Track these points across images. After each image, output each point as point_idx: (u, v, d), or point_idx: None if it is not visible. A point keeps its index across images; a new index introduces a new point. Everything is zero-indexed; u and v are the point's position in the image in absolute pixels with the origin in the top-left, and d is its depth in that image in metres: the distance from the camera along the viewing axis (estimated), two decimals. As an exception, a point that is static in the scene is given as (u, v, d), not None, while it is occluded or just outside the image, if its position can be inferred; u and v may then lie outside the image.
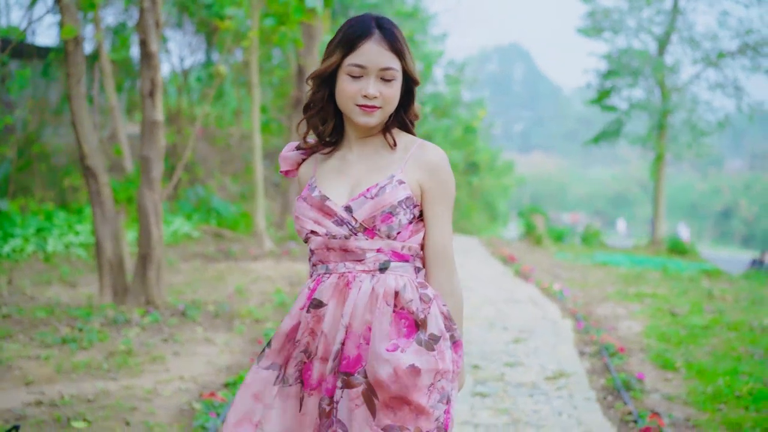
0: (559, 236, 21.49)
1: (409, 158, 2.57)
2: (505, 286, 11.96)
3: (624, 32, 22.63)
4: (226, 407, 5.38)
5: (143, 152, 8.05)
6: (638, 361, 7.16)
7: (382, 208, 2.48)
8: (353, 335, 2.49)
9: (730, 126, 22.70)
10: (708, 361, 7.11)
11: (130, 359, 6.47)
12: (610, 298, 10.75)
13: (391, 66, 2.49)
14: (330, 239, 2.53)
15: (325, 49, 2.59)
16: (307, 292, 2.58)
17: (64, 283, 10.10)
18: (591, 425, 5.36)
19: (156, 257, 8.09)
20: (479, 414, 5.56)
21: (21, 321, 7.55)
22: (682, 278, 13.41)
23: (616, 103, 23.13)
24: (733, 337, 8.17)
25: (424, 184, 2.56)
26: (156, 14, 7.79)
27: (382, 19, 2.54)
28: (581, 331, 8.39)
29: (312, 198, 2.57)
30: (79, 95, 7.80)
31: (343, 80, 2.51)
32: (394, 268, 2.52)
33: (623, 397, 5.93)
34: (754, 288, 12.17)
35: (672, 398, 6.04)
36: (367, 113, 2.51)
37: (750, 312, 9.64)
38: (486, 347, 7.63)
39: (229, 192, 20.64)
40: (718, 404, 5.86)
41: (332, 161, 2.65)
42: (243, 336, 7.51)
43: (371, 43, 2.48)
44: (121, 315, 7.74)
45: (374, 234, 2.51)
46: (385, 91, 2.50)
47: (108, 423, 5.11)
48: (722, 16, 21.84)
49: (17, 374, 5.99)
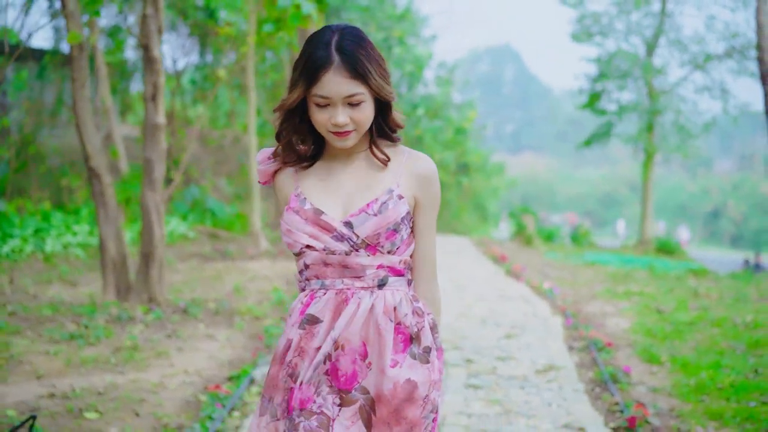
0: (549, 236, 21.80)
1: (402, 171, 2.54)
2: (496, 284, 12.23)
3: (613, 35, 22.97)
4: (231, 399, 5.64)
5: (145, 154, 8.29)
6: (625, 356, 7.42)
7: (386, 225, 2.46)
8: (349, 351, 2.46)
9: (718, 127, 23.08)
10: (692, 356, 7.38)
11: (136, 354, 6.71)
12: (599, 297, 11.02)
13: (356, 92, 2.39)
14: (328, 255, 2.48)
15: (291, 75, 2.50)
16: (300, 307, 2.54)
17: (64, 282, 10.31)
18: (579, 415, 5.62)
19: (158, 256, 8.34)
20: (472, 405, 5.82)
21: (27, 318, 7.79)
22: (669, 277, 13.70)
23: (605, 105, 23.46)
24: (717, 333, 8.44)
25: (418, 196, 2.55)
26: (158, 20, 8.04)
27: (344, 36, 2.42)
28: (570, 327, 8.67)
29: (305, 211, 2.50)
30: (84, 98, 8.05)
31: (312, 109, 2.44)
32: (391, 284, 2.51)
33: (610, 389, 6.20)
34: (738, 286, 12.45)
35: (657, 390, 6.30)
36: (341, 138, 2.45)
37: (733, 309, 9.92)
38: (479, 342, 7.89)
39: (223, 193, 20.86)
40: (701, 395, 6.13)
41: (316, 171, 2.59)
42: (243, 332, 7.76)
43: (331, 73, 2.38)
44: (125, 312, 7.98)
45: (376, 250, 2.48)
46: (355, 116, 2.42)
47: (119, 414, 5.36)
48: (709, 19, 22.19)
49: (28, 368, 6.22)
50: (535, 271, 13.84)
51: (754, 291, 11.65)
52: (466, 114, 29.75)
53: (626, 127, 24.12)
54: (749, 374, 6.70)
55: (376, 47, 2.47)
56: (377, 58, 2.45)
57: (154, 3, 8.01)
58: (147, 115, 8.22)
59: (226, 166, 22.37)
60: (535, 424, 5.44)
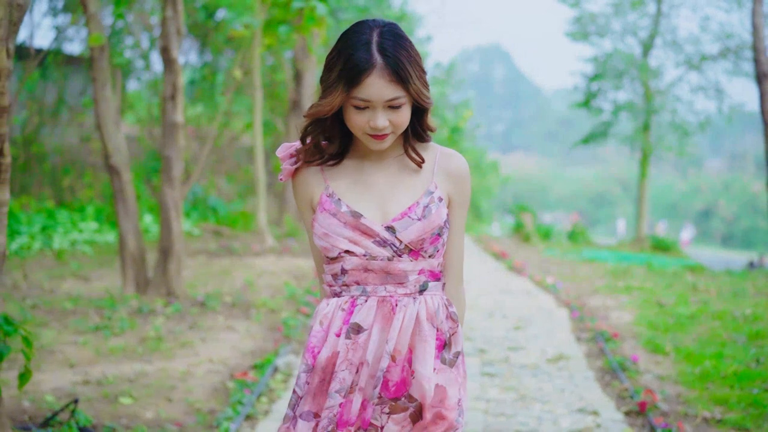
0: (547, 234, 22.10)
1: (437, 169, 2.50)
2: (500, 279, 12.53)
3: (609, 36, 23.29)
4: (258, 385, 5.89)
5: (164, 152, 8.54)
6: (630, 347, 7.69)
7: (431, 230, 2.41)
8: (399, 360, 2.42)
9: (709, 127, 23.38)
10: (695, 346, 7.64)
11: (161, 344, 6.96)
12: (600, 291, 11.29)
13: (397, 95, 2.32)
14: (369, 260, 2.41)
15: (324, 73, 2.41)
16: (342, 314, 2.44)
17: (76, 278, 10.52)
18: (592, 400, 5.90)
19: (176, 251, 8.59)
20: (489, 391, 6.09)
21: (51, 311, 8.03)
22: (666, 273, 13.96)
23: (601, 105, 23.78)
24: (718, 326, 8.70)
25: (452, 195, 2.51)
26: (177, 23, 8.28)
27: (384, 35, 2.34)
28: (576, 319, 8.95)
29: (342, 214, 2.41)
30: (105, 98, 8.29)
31: (350, 111, 2.37)
32: (430, 288, 2.47)
33: (619, 376, 6.47)
34: (736, 282, 12.73)
35: (663, 378, 6.57)
36: (378, 141, 2.39)
37: (732, 303, 10.19)
38: (488, 334, 8.17)
39: (223, 191, 21.08)
40: (706, 383, 6.39)
41: (346, 170, 2.51)
42: (261, 324, 8.01)
43: (374, 77, 2.30)
44: (146, 305, 8.23)
45: (419, 255, 2.43)
46: (394, 119, 2.35)
47: (152, 399, 5.61)
48: (704, 20, 22.49)
49: (60, 358, 6.47)
50: (536, 267, 14.12)
51: (751, 286, 11.92)
52: (462, 113, 30.04)
53: (622, 126, 24.43)
54: (751, 364, 6.95)
55: (414, 45, 2.38)
56: (417, 59, 2.37)
57: (173, 6, 8.26)
58: (166, 114, 8.46)
59: (224, 165, 22.56)
60: (550, 408, 5.71)
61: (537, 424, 5.35)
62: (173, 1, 8.28)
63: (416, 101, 2.38)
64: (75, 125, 18.30)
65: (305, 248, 14.29)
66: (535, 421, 5.43)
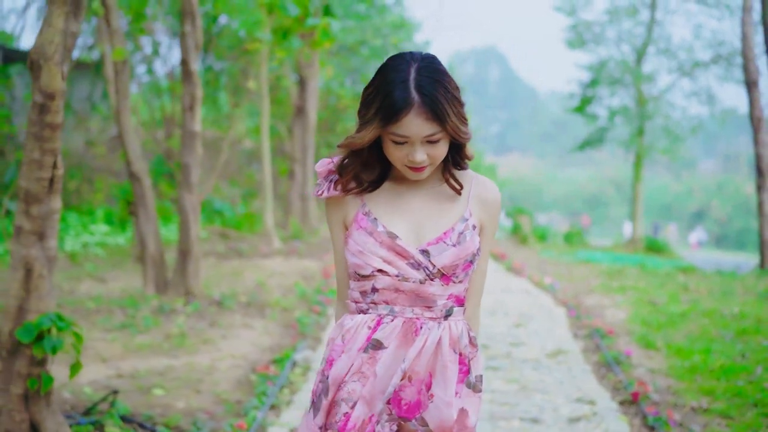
0: (543, 235, 22.59)
1: (471, 197, 2.53)
2: (500, 279, 13.04)
3: (605, 43, 23.80)
4: (279, 378, 6.35)
5: (183, 159, 9.01)
6: (624, 343, 8.16)
7: (465, 257, 2.45)
8: (416, 382, 2.44)
9: (702, 129, 23.89)
10: (685, 342, 8.11)
11: (185, 341, 7.43)
12: (596, 291, 11.77)
13: (434, 131, 2.35)
14: (401, 281, 2.44)
15: (361, 108, 2.43)
16: (367, 332, 2.47)
17: (93, 279, 10.95)
18: (589, 391, 6.37)
19: (195, 253, 9.06)
20: (493, 383, 6.56)
21: (76, 310, 8.48)
22: (659, 274, 14.44)
23: (596, 111, 24.30)
24: (707, 323, 9.16)
25: (484, 222, 2.55)
26: (195, 37, 8.74)
27: (422, 72, 2.36)
28: (573, 317, 9.44)
29: (378, 233, 2.45)
30: (126, 109, 8.75)
31: (388, 144, 2.40)
32: (455, 314, 2.50)
33: (614, 369, 6.94)
34: (725, 282, 13.19)
35: (655, 371, 7.04)
36: (417, 173, 2.43)
37: (721, 302, 10.66)
38: (491, 330, 8.65)
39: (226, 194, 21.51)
40: (695, 376, 6.86)
41: (383, 192, 2.54)
42: (276, 322, 8.49)
43: (412, 115, 2.32)
44: (166, 305, 8.71)
45: (450, 280, 2.46)
46: (432, 152, 2.39)
47: (182, 391, 6.06)
48: (697, 28, 23.04)
49: (92, 353, 6.92)
50: (534, 268, 14.62)
51: (740, 286, 12.41)
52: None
53: (617, 131, 24.92)
54: (737, 358, 7.42)
55: (452, 79, 2.40)
56: (455, 94, 2.39)
57: (192, 21, 8.72)
58: (185, 123, 8.92)
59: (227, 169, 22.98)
60: (550, 398, 6.18)
61: (538, 413, 5.82)
62: (192, 17, 8.73)
63: (453, 138, 2.41)
64: (81, 130, 18.70)
65: (311, 250, 14.78)
66: (537, 409, 5.90)
